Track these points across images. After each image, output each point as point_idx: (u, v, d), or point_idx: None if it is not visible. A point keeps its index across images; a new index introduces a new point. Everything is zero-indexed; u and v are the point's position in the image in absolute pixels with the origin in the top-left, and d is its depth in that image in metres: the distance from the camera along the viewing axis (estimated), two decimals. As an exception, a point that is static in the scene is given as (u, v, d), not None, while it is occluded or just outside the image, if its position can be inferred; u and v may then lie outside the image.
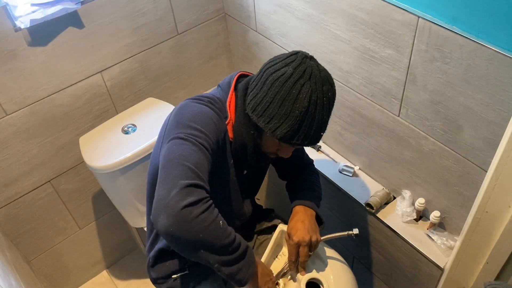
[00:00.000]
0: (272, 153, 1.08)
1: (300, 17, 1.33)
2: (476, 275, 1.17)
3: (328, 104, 0.96)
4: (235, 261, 0.93)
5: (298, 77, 0.92)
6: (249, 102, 0.99)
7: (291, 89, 0.92)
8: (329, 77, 0.97)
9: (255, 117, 0.97)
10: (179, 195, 0.84)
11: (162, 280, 1.25)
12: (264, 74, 0.96)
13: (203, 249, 0.88)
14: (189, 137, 0.93)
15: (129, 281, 1.99)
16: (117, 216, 1.85)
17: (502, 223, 1.02)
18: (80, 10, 1.34)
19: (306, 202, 1.18)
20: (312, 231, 1.11)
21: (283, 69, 0.93)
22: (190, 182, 0.86)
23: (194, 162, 0.90)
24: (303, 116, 0.93)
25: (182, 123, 0.97)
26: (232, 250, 0.91)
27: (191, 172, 0.88)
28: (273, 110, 0.94)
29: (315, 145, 1.02)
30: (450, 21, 0.94)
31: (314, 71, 0.93)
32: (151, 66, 1.62)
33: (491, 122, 0.98)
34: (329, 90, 0.95)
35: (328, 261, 1.19)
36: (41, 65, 1.35)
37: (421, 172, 1.26)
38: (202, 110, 1.00)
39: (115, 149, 1.44)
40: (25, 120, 1.41)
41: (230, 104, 1.05)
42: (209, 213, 0.87)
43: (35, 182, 1.55)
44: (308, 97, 0.92)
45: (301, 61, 0.94)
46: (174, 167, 0.89)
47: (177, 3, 1.55)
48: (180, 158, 0.90)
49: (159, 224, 0.84)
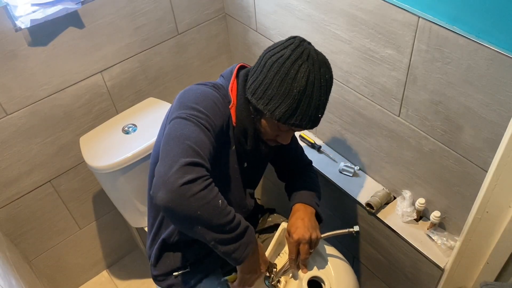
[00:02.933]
0: (271, 140, 1.09)
1: (300, 17, 1.33)
2: (476, 275, 1.17)
3: (325, 85, 0.98)
4: (233, 240, 0.93)
5: (296, 58, 0.95)
6: (249, 86, 1.02)
7: (290, 69, 0.94)
8: (326, 60, 1.00)
9: (254, 101, 1.00)
10: (178, 172, 0.85)
11: (163, 277, 1.25)
12: (263, 59, 1.00)
13: (200, 225, 0.88)
14: (191, 117, 0.94)
15: (129, 281, 1.99)
16: (117, 216, 1.85)
17: (502, 223, 1.02)
18: (80, 10, 1.34)
19: (305, 200, 1.19)
20: (312, 229, 1.12)
21: (281, 52, 0.97)
22: (190, 160, 0.86)
23: (195, 141, 0.90)
24: (301, 95, 0.95)
25: (185, 104, 0.98)
26: (230, 229, 0.91)
27: (191, 150, 0.88)
28: (272, 91, 0.96)
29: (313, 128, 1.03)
30: (451, 21, 0.94)
31: (312, 53, 0.97)
32: (152, 66, 1.62)
33: (492, 122, 0.99)
34: (326, 72, 0.98)
35: (329, 259, 1.19)
36: (41, 65, 1.35)
37: (421, 172, 1.26)
38: (206, 92, 1.01)
39: (115, 149, 1.44)
40: (25, 120, 1.41)
41: (232, 89, 1.06)
42: (208, 191, 0.87)
43: (35, 182, 1.55)
44: (306, 77, 0.94)
45: (299, 44, 0.98)
46: (175, 145, 0.89)
47: (177, 3, 1.55)
48: (181, 136, 0.90)
49: (158, 199, 0.85)
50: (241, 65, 1.12)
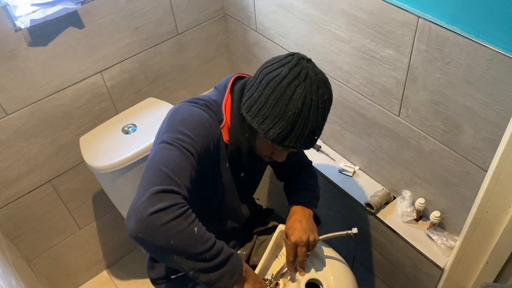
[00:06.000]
0: (266, 157, 1.07)
1: (300, 17, 1.33)
2: (476, 275, 1.17)
3: (323, 107, 0.94)
4: (214, 268, 0.90)
5: (293, 78, 0.91)
6: (245, 102, 0.98)
7: (285, 89, 0.91)
8: (325, 80, 0.96)
9: (249, 117, 0.97)
10: (149, 200, 0.83)
11: (161, 280, 1.25)
12: (260, 75, 0.96)
13: (175, 255, 0.86)
14: (174, 142, 0.92)
15: (129, 281, 1.99)
16: (117, 216, 1.85)
17: (502, 223, 1.02)
18: (80, 10, 1.34)
19: (303, 202, 1.18)
20: (310, 231, 1.11)
21: (278, 69, 0.93)
22: (163, 187, 0.85)
23: (172, 167, 0.88)
24: (296, 118, 0.92)
25: (171, 127, 0.96)
26: (210, 257, 0.89)
27: (166, 177, 0.87)
28: (266, 110, 0.93)
29: (309, 149, 1.01)
30: (450, 21, 0.94)
31: (310, 72, 0.92)
32: (151, 66, 1.62)
33: (491, 122, 0.99)
34: (324, 93, 0.94)
35: (327, 261, 1.19)
36: (41, 65, 1.35)
37: (421, 172, 1.26)
38: (194, 113, 0.99)
39: (115, 149, 1.44)
40: (25, 120, 1.41)
41: (225, 106, 1.04)
42: (182, 219, 0.85)
43: (35, 182, 1.55)
44: (302, 98, 0.91)
45: (297, 62, 0.93)
46: (151, 173, 0.88)
47: (177, 3, 1.55)
48: (159, 163, 0.89)
49: (128, 229, 0.84)
50: (238, 76, 1.08)
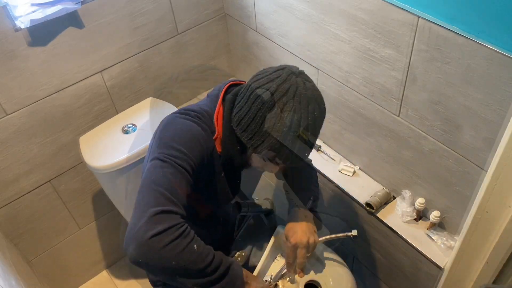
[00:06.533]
0: (259, 167, 1.06)
1: (300, 17, 1.33)
2: (476, 275, 1.17)
3: (313, 123, 0.92)
4: (218, 280, 0.90)
5: (281, 95, 0.89)
6: (235, 115, 0.97)
7: (273, 107, 0.89)
8: (317, 95, 0.93)
9: (238, 131, 0.96)
10: (148, 224, 0.82)
11: (160, 282, 1.25)
12: (249, 88, 0.94)
13: (178, 275, 0.86)
14: (168, 159, 0.90)
15: (129, 281, 1.99)
16: (117, 216, 1.84)
17: (502, 223, 1.02)
18: (80, 10, 1.34)
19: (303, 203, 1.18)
20: (310, 233, 1.11)
21: (267, 85, 0.91)
22: (160, 209, 0.83)
23: (168, 186, 0.87)
24: (284, 136, 0.90)
25: (164, 142, 0.94)
26: (212, 270, 0.89)
27: (163, 197, 0.85)
28: (255, 126, 0.91)
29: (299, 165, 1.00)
30: (450, 21, 0.94)
31: (300, 89, 0.90)
32: (151, 66, 1.62)
33: (491, 122, 0.98)
34: (315, 110, 0.91)
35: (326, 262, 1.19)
36: (41, 65, 1.35)
37: (421, 172, 1.26)
38: (187, 127, 0.97)
39: (115, 149, 1.44)
40: (25, 120, 1.41)
41: (217, 117, 1.02)
42: (182, 239, 0.84)
43: (35, 182, 1.55)
44: (291, 116, 0.89)
45: (286, 78, 0.90)
46: (147, 193, 0.86)
47: (177, 3, 1.55)
48: (154, 183, 0.87)
49: (128, 254, 0.83)
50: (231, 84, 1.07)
